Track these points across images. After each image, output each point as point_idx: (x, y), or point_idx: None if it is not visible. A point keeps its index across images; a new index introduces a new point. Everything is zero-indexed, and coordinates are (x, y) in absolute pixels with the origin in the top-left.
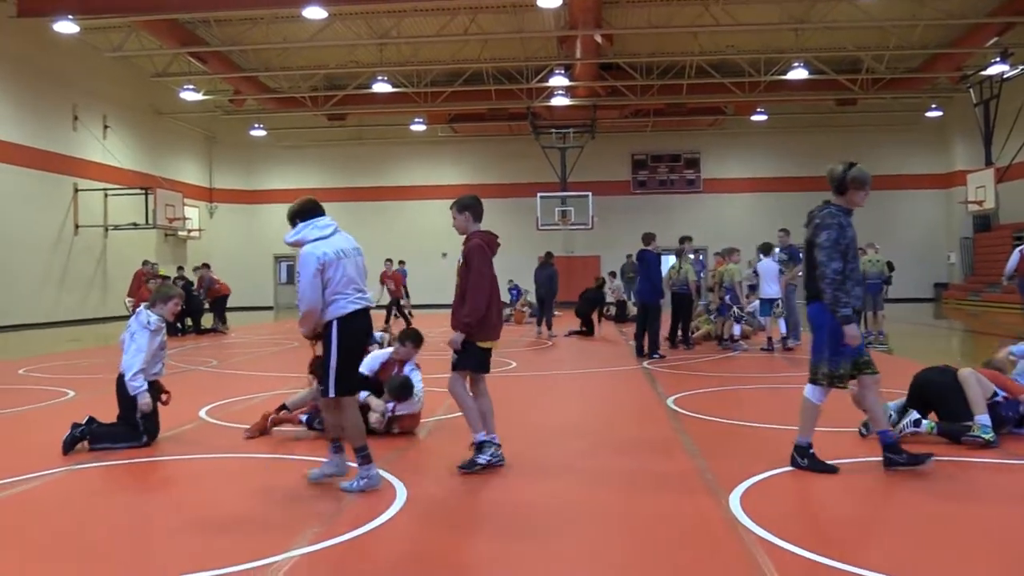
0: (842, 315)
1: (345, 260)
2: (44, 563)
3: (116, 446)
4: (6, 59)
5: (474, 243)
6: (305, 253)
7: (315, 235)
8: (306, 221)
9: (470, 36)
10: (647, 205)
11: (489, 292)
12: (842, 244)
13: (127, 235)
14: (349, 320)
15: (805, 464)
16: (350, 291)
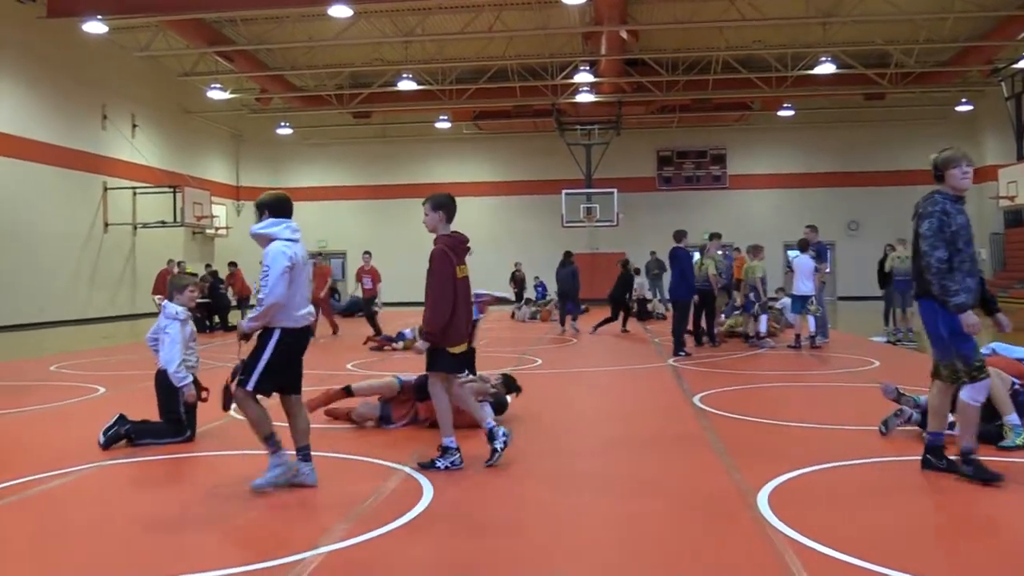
0: (954, 304)
1: (305, 269)
2: (77, 557)
3: (159, 442)
4: (36, 59)
5: (438, 249)
6: (277, 250)
7: (287, 235)
8: (278, 219)
9: (495, 33)
10: (672, 202)
11: (451, 299)
12: (947, 232)
13: (155, 233)
14: (294, 334)
15: (969, 472)
16: (302, 304)
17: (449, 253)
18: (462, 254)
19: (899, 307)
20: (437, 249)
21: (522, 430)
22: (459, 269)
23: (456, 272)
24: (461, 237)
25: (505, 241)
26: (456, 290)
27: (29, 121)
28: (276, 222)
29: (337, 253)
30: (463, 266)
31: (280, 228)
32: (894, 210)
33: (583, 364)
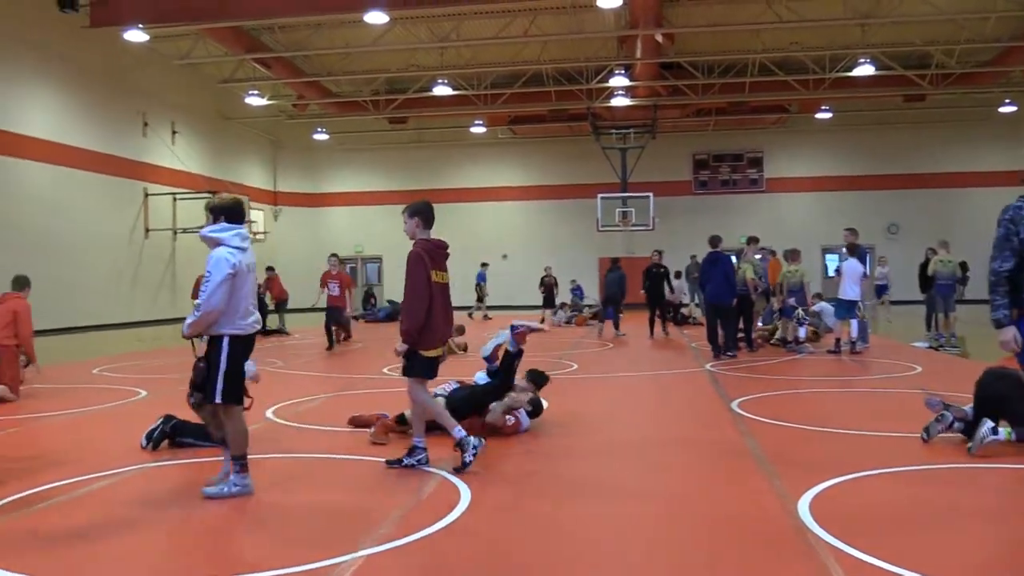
0: (992, 319)
1: (250, 276)
2: (121, 558)
3: (202, 444)
4: (80, 68)
5: (413, 253)
6: (221, 256)
7: (236, 243)
8: (230, 224)
9: (530, 38)
10: (709, 205)
11: (427, 302)
12: (1013, 241)
13: (195, 238)
14: (242, 341)
15: None
16: (247, 311)
17: (424, 257)
18: (440, 259)
19: (942, 312)
20: (412, 253)
21: (559, 435)
22: (438, 275)
23: (432, 276)
24: (439, 243)
25: (540, 246)
26: (432, 294)
27: (73, 128)
28: (227, 227)
29: (373, 258)
30: (443, 272)
31: (230, 234)
32: (935, 213)
33: (619, 369)
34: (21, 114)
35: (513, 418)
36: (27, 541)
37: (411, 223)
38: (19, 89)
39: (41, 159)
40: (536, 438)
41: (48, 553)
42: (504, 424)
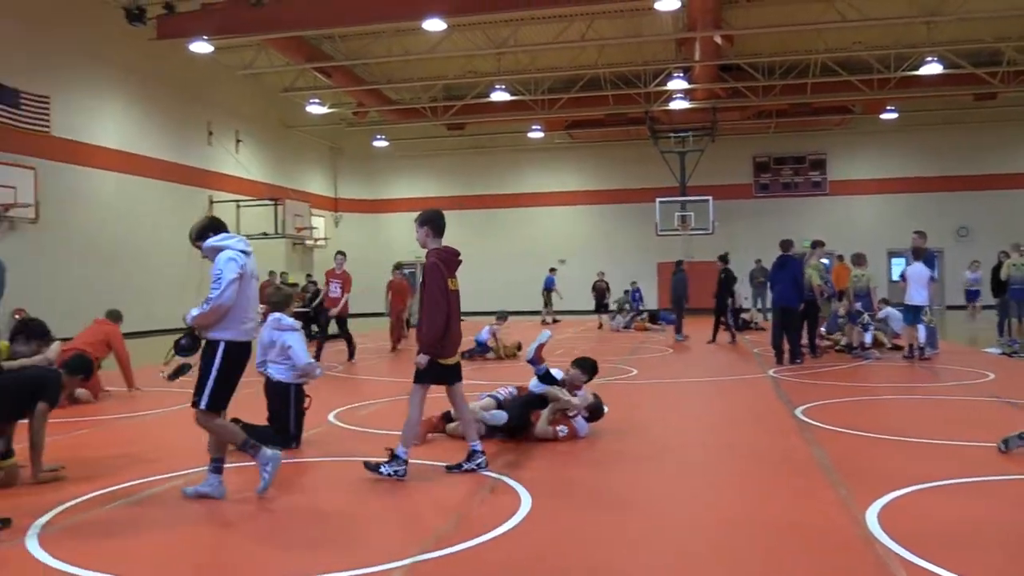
0: None
1: (253, 281)
2: (184, 560)
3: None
4: (148, 79)
5: (429, 262)
6: (228, 256)
7: (240, 247)
8: (226, 233)
9: (587, 42)
10: (770, 208)
11: (446, 310)
12: None
13: (257, 244)
14: (237, 348)
15: None
16: (247, 316)
17: (441, 266)
18: (454, 267)
19: (1015, 316)
20: (429, 262)
21: (618, 441)
22: (452, 282)
23: (449, 284)
24: (453, 251)
25: (597, 251)
26: (449, 303)
27: (140, 138)
28: (228, 236)
29: None
30: (454, 279)
31: (233, 241)
32: (1007, 214)
33: (679, 375)
34: (93, 125)
35: (566, 428)
36: (101, 538)
37: (421, 232)
38: (91, 101)
39: (112, 168)
40: (596, 444)
41: (121, 550)
42: (556, 436)
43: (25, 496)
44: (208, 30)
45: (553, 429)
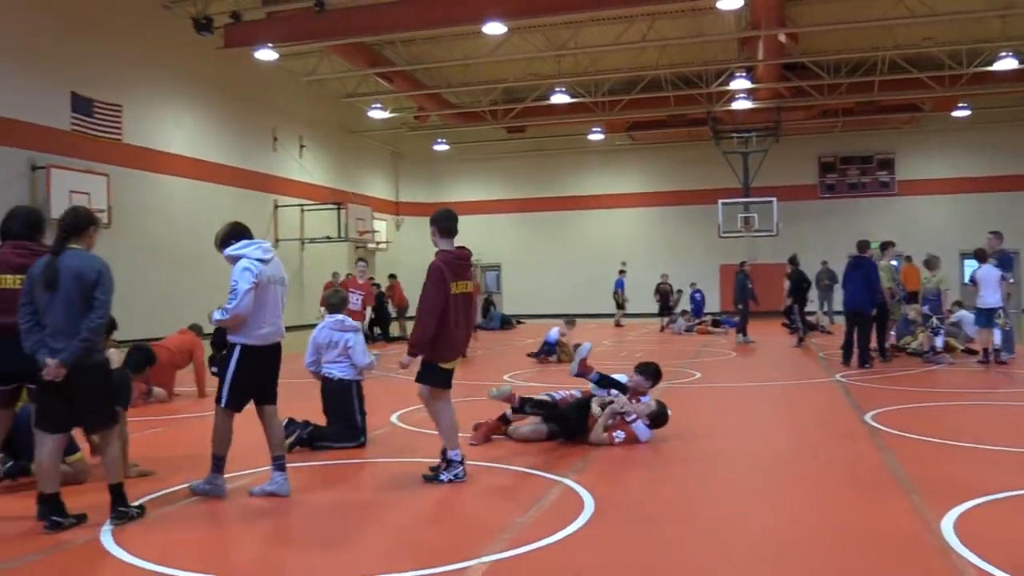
0: None
1: (272, 288)
2: (249, 558)
3: (335, 445)
4: (215, 87)
5: (433, 264)
6: (243, 266)
7: (257, 255)
8: (250, 240)
9: (648, 43)
10: (836, 210)
11: (439, 314)
12: None
13: (321, 248)
14: (253, 352)
15: None
16: (264, 322)
17: (444, 270)
18: (461, 270)
19: None
20: (433, 264)
21: (682, 445)
22: (458, 285)
23: (451, 288)
24: (460, 253)
25: (659, 253)
26: (450, 306)
27: (208, 145)
28: (247, 243)
29: (492, 266)
30: (463, 282)
31: (251, 248)
32: None
33: (744, 378)
34: (163, 132)
35: (623, 433)
36: (173, 534)
37: (430, 231)
38: (162, 109)
39: (181, 174)
40: (659, 449)
41: (192, 546)
42: (612, 441)
43: (100, 493)
44: (273, 38)
45: (608, 435)
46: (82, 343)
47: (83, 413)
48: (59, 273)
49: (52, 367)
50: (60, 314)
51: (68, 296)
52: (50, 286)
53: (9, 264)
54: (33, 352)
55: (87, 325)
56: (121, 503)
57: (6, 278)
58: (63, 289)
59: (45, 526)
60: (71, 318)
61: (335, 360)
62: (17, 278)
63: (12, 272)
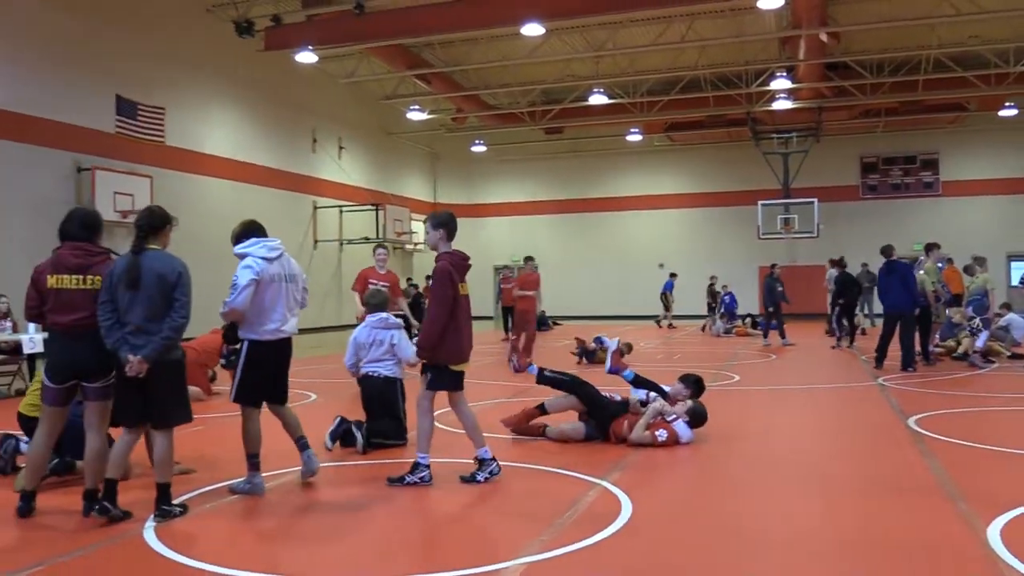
0: None
1: (277, 285)
2: (295, 553)
3: (388, 443)
4: (256, 89)
5: (440, 265)
6: (244, 265)
7: (261, 253)
8: (258, 239)
9: (687, 43)
10: (878, 211)
11: (448, 316)
12: None
13: (359, 248)
14: (260, 347)
15: None
16: (269, 319)
17: (452, 271)
18: (463, 272)
19: None
20: (441, 266)
21: (721, 448)
22: (463, 287)
23: (459, 290)
24: (463, 255)
25: (697, 254)
26: (459, 307)
27: (249, 146)
28: (254, 242)
29: None
30: (465, 284)
31: (256, 247)
32: None
33: (784, 381)
34: (205, 134)
35: (665, 432)
36: (213, 531)
37: (435, 235)
38: (203, 111)
39: (222, 176)
40: (699, 452)
41: (231, 543)
42: (655, 440)
43: (142, 490)
44: (313, 40)
45: (651, 434)
46: (164, 340)
47: (156, 409)
48: (141, 273)
49: (135, 363)
50: (141, 312)
51: (150, 295)
52: (132, 285)
53: (67, 265)
54: (115, 349)
55: (169, 324)
56: (165, 501)
57: (64, 278)
58: (145, 288)
59: (96, 509)
60: (152, 316)
61: (380, 358)
62: (74, 278)
63: (70, 273)
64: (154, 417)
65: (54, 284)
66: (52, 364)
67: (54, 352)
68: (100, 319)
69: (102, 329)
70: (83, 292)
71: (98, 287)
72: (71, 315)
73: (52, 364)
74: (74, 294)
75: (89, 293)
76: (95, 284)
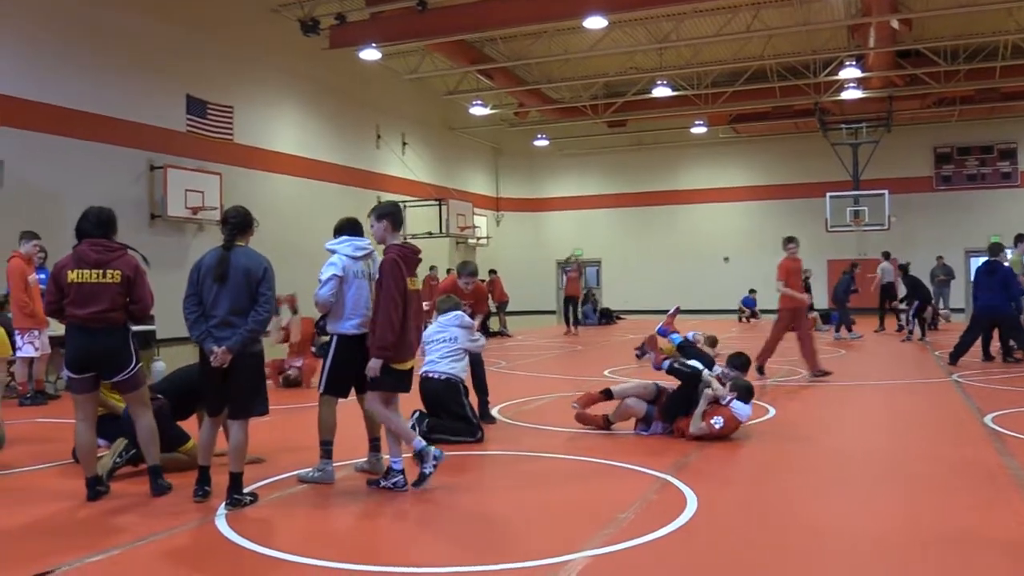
0: None
1: (360, 282)
2: (358, 543)
3: (453, 439)
4: (322, 87)
5: (387, 258)
6: (329, 261)
7: (347, 252)
8: (351, 236)
9: (752, 33)
10: (952, 202)
11: (402, 311)
12: None
13: (423, 243)
14: (347, 340)
15: None
16: (355, 314)
17: (400, 263)
18: (413, 265)
19: None
20: (387, 259)
21: (788, 443)
22: (412, 281)
23: (408, 284)
24: (413, 248)
25: (763, 248)
26: (406, 303)
27: (314, 143)
28: (343, 240)
29: (592, 261)
30: (414, 279)
31: (343, 245)
32: None
33: (853, 377)
34: (272, 131)
35: (721, 418)
36: (283, 519)
37: (379, 227)
38: (270, 108)
39: (289, 172)
40: (765, 445)
41: (302, 531)
42: (712, 429)
43: (214, 478)
44: (377, 38)
45: (707, 424)
46: (248, 333)
47: (235, 399)
48: (230, 268)
49: (219, 354)
50: (227, 306)
51: (236, 290)
52: (221, 279)
53: (87, 260)
54: (200, 341)
55: (254, 317)
56: (237, 490)
57: (84, 272)
58: (232, 283)
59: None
60: (237, 310)
61: (440, 358)
62: (94, 272)
63: (90, 267)
64: (232, 407)
65: (75, 279)
66: (70, 355)
67: (72, 344)
68: (185, 312)
69: (187, 322)
70: (102, 286)
71: (116, 281)
72: (89, 308)
73: (70, 355)
74: (93, 288)
75: (107, 287)
76: (113, 278)
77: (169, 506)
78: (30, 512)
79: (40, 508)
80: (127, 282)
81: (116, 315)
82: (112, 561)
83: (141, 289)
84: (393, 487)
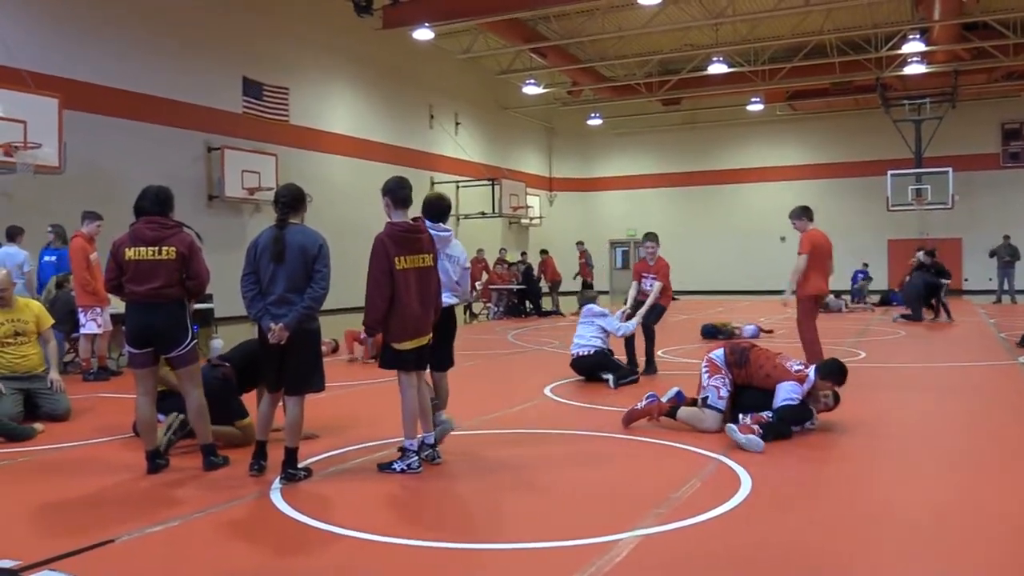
0: None
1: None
2: (400, 519)
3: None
4: (375, 67)
5: (376, 238)
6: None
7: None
8: (429, 221)
9: (812, 7)
10: (1019, 180)
11: (385, 292)
12: None
13: (476, 223)
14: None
15: None
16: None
17: (386, 243)
18: (409, 244)
19: None
20: (375, 240)
21: (847, 428)
22: (407, 260)
23: (396, 263)
24: (408, 226)
25: (823, 226)
26: (399, 283)
27: (368, 124)
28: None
29: None
30: (412, 256)
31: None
32: None
33: (913, 359)
34: (327, 112)
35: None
36: (337, 494)
37: (382, 203)
38: (324, 89)
39: (343, 153)
40: (822, 428)
41: (354, 505)
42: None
43: (269, 454)
44: (430, 17)
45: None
46: (305, 310)
47: (292, 376)
48: (286, 246)
49: (276, 331)
50: (284, 284)
51: (293, 267)
52: (278, 258)
53: (143, 238)
54: (258, 319)
55: (310, 294)
56: (292, 465)
57: (141, 250)
58: (289, 261)
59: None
60: (294, 287)
61: (587, 341)
62: (150, 250)
63: (146, 245)
64: (289, 384)
65: (132, 256)
66: (130, 330)
67: (131, 319)
68: (243, 290)
69: (245, 300)
70: (158, 263)
71: (171, 257)
72: (147, 284)
73: (130, 330)
74: (151, 264)
75: (163, 263)
76: (169, 255)
77: (225, 480)
78: (93, 483)
79: (103, 479)
80: (182, 258)
81: (172, 291)
82: (171, 532)
83: (197, 265)
84: (407, 469)
